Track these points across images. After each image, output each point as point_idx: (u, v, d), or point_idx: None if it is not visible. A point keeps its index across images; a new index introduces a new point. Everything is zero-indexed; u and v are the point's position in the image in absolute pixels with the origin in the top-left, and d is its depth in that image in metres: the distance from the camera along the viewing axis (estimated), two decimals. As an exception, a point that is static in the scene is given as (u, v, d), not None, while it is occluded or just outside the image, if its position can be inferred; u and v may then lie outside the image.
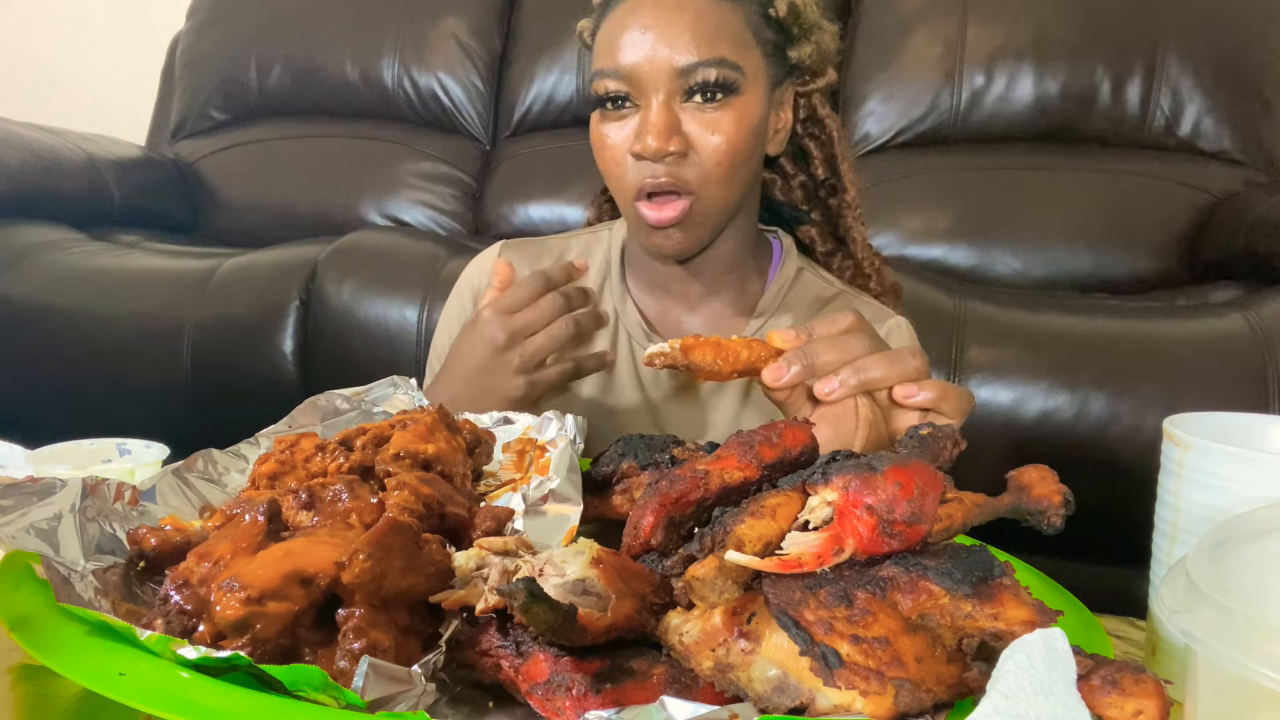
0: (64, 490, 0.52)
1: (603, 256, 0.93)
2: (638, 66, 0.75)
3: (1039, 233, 1.71)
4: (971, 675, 0.40)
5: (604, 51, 0.78)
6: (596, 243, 0.94)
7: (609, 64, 0.77)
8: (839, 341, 0.62)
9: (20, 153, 1.76)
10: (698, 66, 0.75)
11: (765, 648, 0.40)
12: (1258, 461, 0.52)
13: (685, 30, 0.75)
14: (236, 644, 0.41)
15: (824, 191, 0.93)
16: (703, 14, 0.75)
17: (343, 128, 2.16)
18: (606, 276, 0.92)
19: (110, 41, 2.68)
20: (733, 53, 0.76)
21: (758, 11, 0.79)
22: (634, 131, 0.77)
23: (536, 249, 0.95)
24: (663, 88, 0.75)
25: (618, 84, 0.77)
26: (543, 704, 0.42)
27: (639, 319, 0.89)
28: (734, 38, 0.77)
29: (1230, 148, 1.75)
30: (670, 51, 0.75)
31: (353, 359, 1.47)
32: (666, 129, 0.75)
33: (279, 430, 0.69)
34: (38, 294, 1.58)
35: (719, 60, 0.75)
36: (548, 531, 0.54)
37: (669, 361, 0.62)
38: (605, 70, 0.77)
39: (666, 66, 0.75)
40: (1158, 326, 1.27)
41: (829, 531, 0.42)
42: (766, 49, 0.80)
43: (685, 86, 0.76)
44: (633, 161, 0.78)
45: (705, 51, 0.75)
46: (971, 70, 1.83)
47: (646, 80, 0.76)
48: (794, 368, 0.61)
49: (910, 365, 0.62)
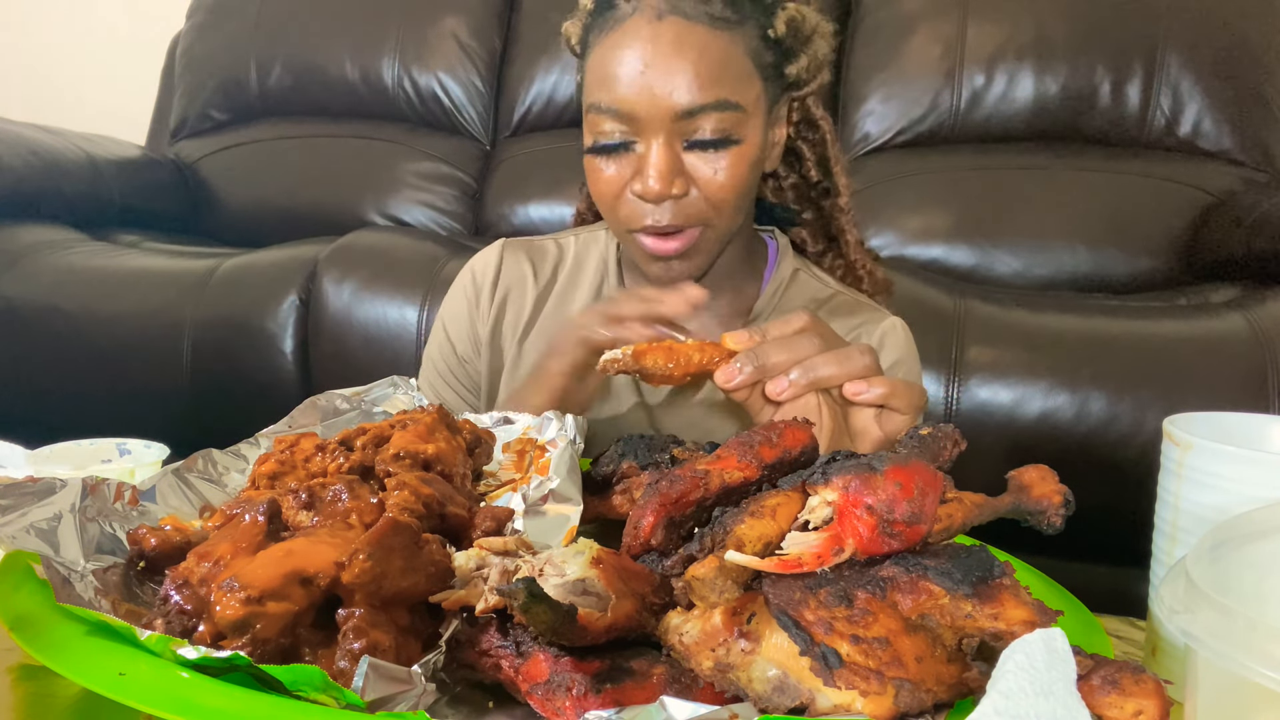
0: (64, 490, 0.52)
1: (599, 256, 0.92)
2: (636, 106, 0.72)
3: (1039, 233, 1.71)
4: (971, 675, 0.40)
5: (598, 84, 0.74)
6: (594, 241, 0.94)
7: (605, 100, 0.73)
8: (790, 342, 0.63)
9: (20, 153, 1.76)
10: (700, 110, 0.72)
11: (765, 648, 0.40)
12: (1258, 461, 0.52)
13: (687, 69, 0.71)
14: (236, 644, 0.41)
15: (816, 193, 0.92)
16: (704, 50, 0.72)
17: (343, 128, 2.16)
18: (604, 276, 0.91)
19: (110, 41, 2.68)
20: (734, 91, 0.73)
21: (757, 35, 0.76)
22: (632, 169, 0.75)
23: (537, 247, 0.95)
24: (663, 129, 0.72)
25: (615, 126, 0.74)
26: (543, 704, 0.42)
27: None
28: (736, 73, 0.74)
29: (1230, 148, 1.75)
30: (671, 93, 0.71)
31: (353, 359, 1.47)
32: (669, 172, 0.73)
33: (279, 430, 0.69)
34: (38, 294, 1.58)
35: (721, 103, 0.72)
36: (548, 531, 0.54)
37: (622, 368, 0.63)
38: (600, 107, 0.74)
39: (667, 109, 0.72)
40: (1158, 326, 1.27)
41: (829, 531, 0.42)
42: (766, 73, 0.77)
43: (687, 131, 0.73)
44: (631, 196, 0.75)
45: (708, 93, 0.72)
46: (971, 70, 1.83)
47: (645, 120, 0.72)
48: (745, 369, 0.62)
49: (859, 363, 0.63)
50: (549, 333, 0.89)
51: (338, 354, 1.48)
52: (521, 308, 0.91)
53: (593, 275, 0.91)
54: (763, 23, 0.76)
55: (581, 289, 0.91)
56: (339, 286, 1.49)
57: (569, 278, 0.92)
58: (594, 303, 0.88)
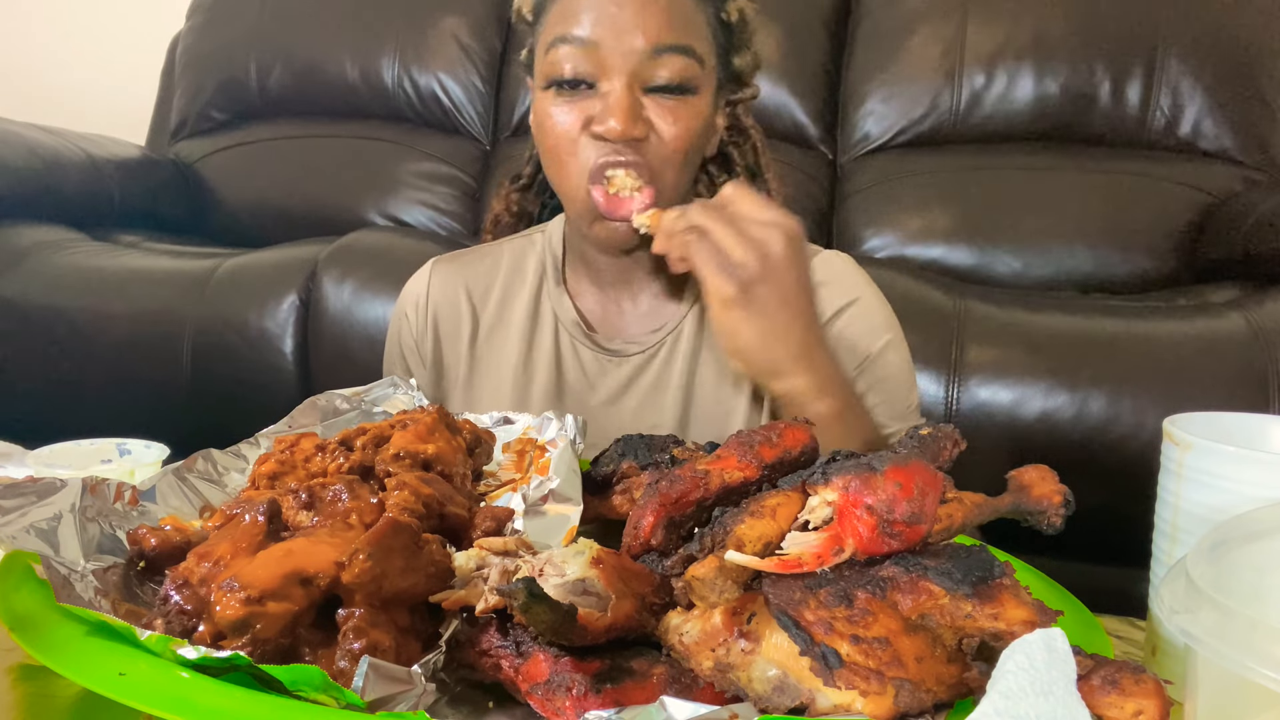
0: (64, 490, 0.52)
1: (536, 259, 0.92)
2: (604, 41, 0.73)
3: (1039, 233, 1.71)
4: (971, 675, 0.40)
5: (564, 18, 0.74)
6: (529, 246, 0.93)
7: (572, 31, 0.73)
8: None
9: (20, 153, 1.76)
10: (667, 50, 0.73)
11: (765, 648, 0.40)
12: (1258, 461, 0.52)
13: (658, 11, 0.73)
14: (236, 644, 0.41)
15: None
16: (675, 1, 0.75)
17: (343, 128, 2.16)
18: (542, 278, 0.91)
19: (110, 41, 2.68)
20: (697, 43, 0.76)
21: (714, 13, 0.79)
22: (591, 113, 0.75)
23: (470, 259, 0.95)
24: (628, 70, 0.73)
25: (579, 62, 0.74)
26: (543, 704, 0.42)
27: (576, 318, 0.89)
28: (699, 31, 0.76)
29: (1230, 148, 1.75)
30: (642, 31, 0.72)
31: (353, 359, 1.47)
32: (633, 111, 0.73)
33: (279, 430, 0.69)
34: (38, 294, 1.58)
35: (685, 47, 0.74)
36: (548, 531, 0.54)
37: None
38: (567, 38, 0.74)
39: (637, 46, 0.73)
40: (1158, 326, 1.27)
41: (829, 531, 0.42)
42: (718, 50, 0.80)
43: (651, 73, 0.74)
44: (587, 140, 0.75)
45: (677, 36, 0.74)
46: (971, 70, 1.83)
47: (612, 58, 0.73)
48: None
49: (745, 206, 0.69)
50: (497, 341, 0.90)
51: (338, 354, 1.48)
52: (459, 320, 0.91)
53: (531, 278, 0.91)
54: (719, 5, 0.79)
55: (522, 293, 0.91)
56: (339, 286, 1.49)
57: (506, 282, 0.92)
58: (533, 306, 0.90)
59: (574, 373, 0.88)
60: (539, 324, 0.90)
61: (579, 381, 0.88)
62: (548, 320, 0.90)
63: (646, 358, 0.87)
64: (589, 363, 0.88)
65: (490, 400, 0.89)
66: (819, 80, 1.95)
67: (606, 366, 0.88)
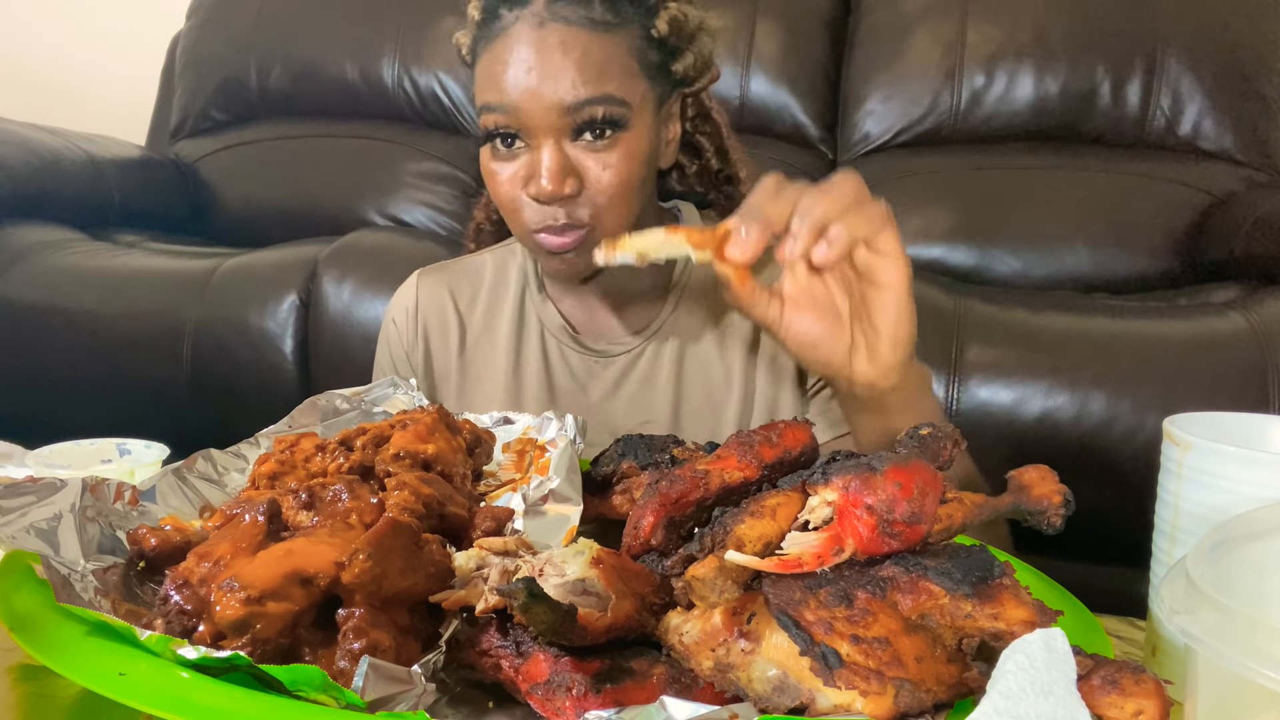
0: (64, 490, 0.52)
1: (518, 267, 0.94)
2: (523, 107, 0.74)
3: (1039, 233, 1.71)
4: (971, 675, 0.40)
5: (487, 86, 0.76)
6: (511, 255, 0.95)
7: (494, 100, 0.75)
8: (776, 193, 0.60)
9: (20, 153, 1.76)
10: (585, 104, 0.73)
11: (765, 648, 0.40)
12: (1258, 461, 0.52)
13: (570, 68, 0.73)
14: (236, 644, 0.41)
15: (719, 179, 0.95)
16: (587, 50, 0.74)
17: (343, 128, 2.16)
18: (525, 286, 0.93)
19: (110, 41, 2.68)
20: (619, 87, 0.75)
21: (640, 35, 0.77)
22: (526, 172, 0.76)
23: (455, 269, 0.96)
24: (551, 128, 0.74)
25: (505, 124, 0.75)
26: (543, 704, 0.42)
27: (561, 322, 0.91)
28: (619, 70, 0.75)
29: (1230, 148, 1.74)
30: (555, 90, 0.73)
31: (353, 359, 1.47)
32: (560, 172, 0.74)
33: (279, 430, 0.69)
34: (38, 294, 1.58)
35: (605, 97, 0.74)
36: (548, 531, 0.54)
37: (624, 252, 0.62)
38: (491, 106, 0.76)
39: (554, 105, 0.73)
40: (1158, 326, 1.27)
41: (829, 531, 0.42)
42: (651, 72, 0.79)
43: (573, 125, 0.74)
44: (526, 199, 0.77)
45: (592, 89, 0.73)
46: (971, 70, 1.83)
47: (534, 120, 0.74)
48: (750, 230, 0.59)
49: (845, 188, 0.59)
50: (484, 349, 0.91)
51: (338, 354, 1.48)
52: (447, 329, 0.93)
53: (514, 287, 0.93)
54: (645, 23, 0.78)
55: (506, 301, 0.93)
56: (339, 286, 1.49)
57: (491, 291, 0.94)
58: (518, 313, 0.91)
59: (563, 376, 0.90)
60: (525, 330, 0.92)
61: (569, 384, 0.90)
62: (533, 326, 0.91)
63: (633, 357, 0.88)
64: (576, 365, 0.90)
65: (484, 407, 0.88)
66: (819, 80, 1.95)
67: (594, 368, 0.89)
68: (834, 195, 0.58)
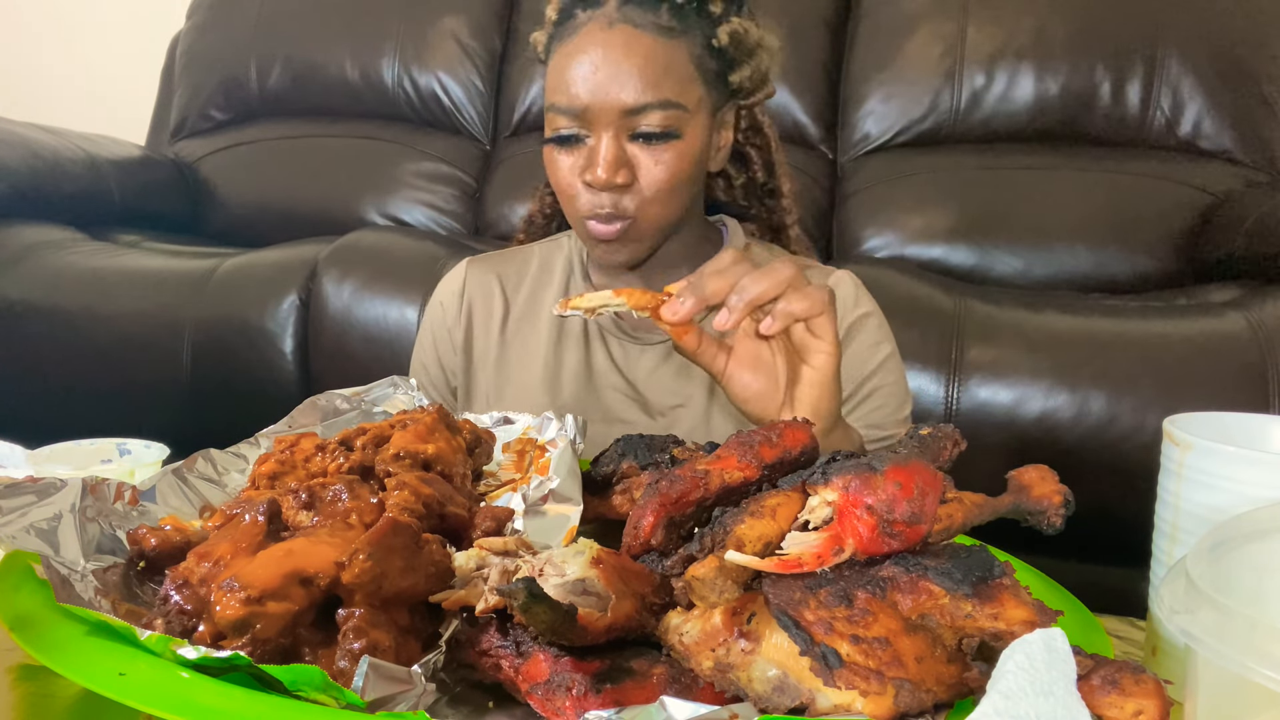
0: (64, 490, 0.52)
1: (564, 260, 0.98)
2: (588, 105, 0.79)
3: (1039, 233, 1.71)
4: (971, 675, 0.40)
5: (556, 86, 0.82)
6: (557, 249, 0.99)
7: (561, 100, 0.81)
8: (723, 271, 0.65)
9: (20, 153, 1.76)
10: (645, 109, 0.79)
11: (765, 648, 0.40)
12: (1258, 461, 0.52)
13: (633, 72, 0.78)
14: (236, 644, 0.41)
15: (762, 192, 1.01)
16: (650, 55, 0.79)
17: (343, 128, 2.16)
18: (570, 278, 0.97)
19: (110, 41, 2.68)
20: (678, 92, 0.80)
21: (701, 44, 0.82)
22: (585, 162, 0.82)
23: (503, 257, 1.01)
24: (612, 124, 0.80)
25: (569, 122, 0.81)
26: (543, 704, 0.42)
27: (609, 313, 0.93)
28: (679, 76, 0.80)
29: (1230, 148, 1.74)
30: (619, 92, 0.79)
31: (353, 359, 1.47)
32: (615, 163, 0.80)
33: (279, 430, 0.69)
34: (38, 294, 1.58)
35: (664, 102, 0.79)
36: (548, 531, 0.54)
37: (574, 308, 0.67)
38: (558, 106, 0.81)
39: (615, 106, 0.79)
40: (1158, 326, 1.27)
41: (829, 531, 0.42)
42: (709, 78, 0.83)
43: (632, 127, 0.80)
44: (582, 187, 0.82)
45: (652, 94, 0.79)
46: (971, 70, 1.83)
47: (596, 117, 0.80)
48: (686, 299, 0.65)
49: (785, 273, 0.64)
50: (526, 330, 0.95)
51: (338, 354, 1.48)
52: (491, 310, 0.97)
53: (559, 275, 0.97)
54: (707, 33, 0.83)
55: (551, 288, 0.97)
56: (339, 286, 1.49)
57: (536, 279, 0.98)
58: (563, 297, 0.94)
59: (601, 358, 0.93)
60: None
61: (606, 366, 0.93)
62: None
63: (671, 345, 0.90)
64: (615, 349, 0.94)
65: (520, 381, 0.94)
66: (819, 80, 1.95)
67: (632, 352, 0.93)
68: (773, 278, 0.64)
